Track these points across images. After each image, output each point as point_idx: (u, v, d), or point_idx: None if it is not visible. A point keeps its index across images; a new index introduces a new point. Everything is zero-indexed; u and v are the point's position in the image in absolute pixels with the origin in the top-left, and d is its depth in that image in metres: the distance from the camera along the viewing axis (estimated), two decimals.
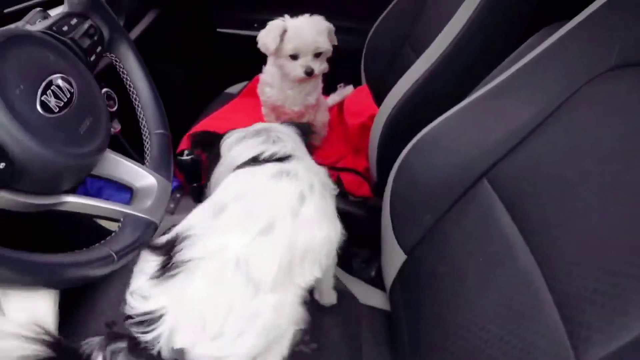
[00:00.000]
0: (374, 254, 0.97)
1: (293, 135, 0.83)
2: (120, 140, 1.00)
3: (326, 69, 1.14)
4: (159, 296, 0.49)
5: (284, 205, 0.60)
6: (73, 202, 0.48)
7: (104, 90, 0.94)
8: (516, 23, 0.83)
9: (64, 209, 0.48)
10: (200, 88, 1.63)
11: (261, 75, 1.23)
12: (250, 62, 1.27)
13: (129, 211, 0.51)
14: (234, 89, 1.53)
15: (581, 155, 0.55)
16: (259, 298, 0.52)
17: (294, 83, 1.15)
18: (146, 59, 0.67)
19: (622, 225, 0.46)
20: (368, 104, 1.27)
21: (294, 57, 1.10)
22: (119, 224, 0.52)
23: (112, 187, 1.02)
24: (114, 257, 0.45)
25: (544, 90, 0.63)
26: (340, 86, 1.46)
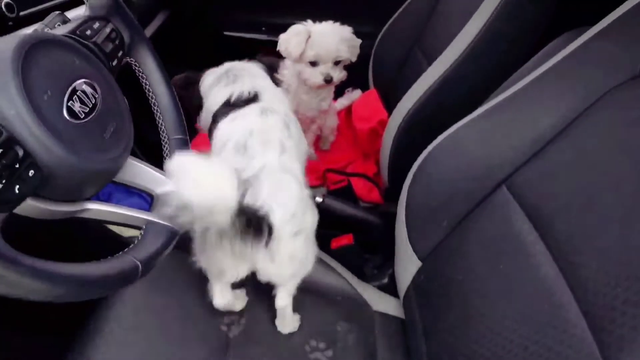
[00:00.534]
0: (386, 260, 0.96)
1: (254, 69, 0.97)
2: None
3: (345, 76, 1.14)
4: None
5: (280, 132, 0.80)
6: (96, 210, 0.48)
7: None
8: (533, 28, 0.82)
9: (87, 216, 0.48)
10: None
11: None
12: None
13: (151, 218, 0.51)
14: None
15: (605, 163, 0.55)
16: (302, 189, 0.75)
17: (310, 89, 1.14)
18: None
19: None
20: (377, 108, 1.26)
21: (313, 64, 1.10)
22: (140, 231, 0.51)
23: (122, 191, 1.01)
24: (139, 267, 0.44)
25: (566, 97, 0.63)
26: (348, 90, 1.45)
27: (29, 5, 0.71)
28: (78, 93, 0.45)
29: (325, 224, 1.14)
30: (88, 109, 0.46)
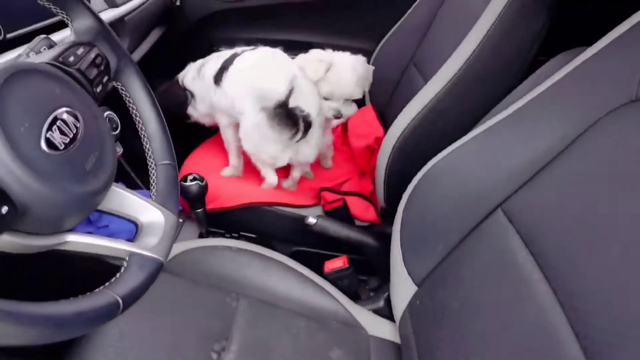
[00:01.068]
0: (382, 282, 0.94)
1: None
2: (122, 163, 0.98)
3: (355, 111, 1.13)
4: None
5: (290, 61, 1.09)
6: (76, 242, 0.46)
7: (107, 113, 0.92)
8: (529, 47, 0.81)
9: (67, 248, 0.46)
10: None
11: None
12: None
13: (135, 250, 0.49)
14: None
15: (602, 190, 0.53)
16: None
17: None
18: (148, 78, 0.65)
19: None
20: (373, 125, 1.25)
21: (325, 97, 1.08)
22: (124, 262, 0.49)
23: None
24: (120, 304, 0.43)
25: (562, 120, 0.61)
26: None
27: (16, 26, 0.70)
28: (58, 123, 0.43)
29: (319, 244, 1.12)
30: (69, 139, 0.44)
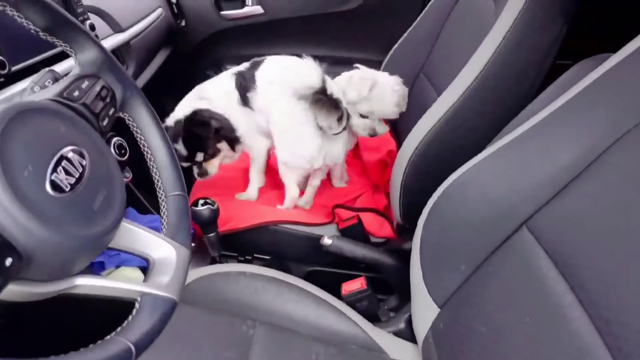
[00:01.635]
0: (402, 301, 0.91)
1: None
2: (132, 189, 0.96)
3: (387, 130, 1.12)
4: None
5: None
6: (85, 285, 0.44)
7: (115, 139, 0.91)
8: (545, 55, 0.78)
9: (77, 291, 0.44)
10: None
11: None
12: None
13: (147, 290, 0.47)
14: None
15: (631, 206, 0.50)
16: None
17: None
18: (156, 99, 0.64)
19: None
20: (385, 138, 1.23)
21: (362, 115, 1.06)
22: (136, 302, 0.47)
23: None
24: (133, 351, 0.41)
25: (590, 129, 0.58)
26: None
27: (21, 58, 0.69)
28: (63, 163, 0.42)
29: (334, 264, 1.09)
30: (75, 179, 0.42)
